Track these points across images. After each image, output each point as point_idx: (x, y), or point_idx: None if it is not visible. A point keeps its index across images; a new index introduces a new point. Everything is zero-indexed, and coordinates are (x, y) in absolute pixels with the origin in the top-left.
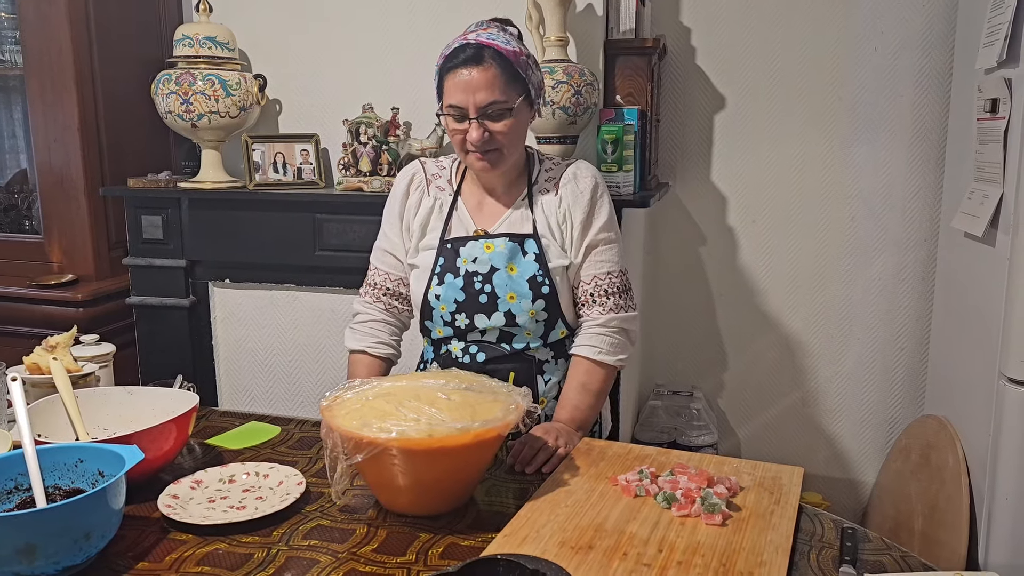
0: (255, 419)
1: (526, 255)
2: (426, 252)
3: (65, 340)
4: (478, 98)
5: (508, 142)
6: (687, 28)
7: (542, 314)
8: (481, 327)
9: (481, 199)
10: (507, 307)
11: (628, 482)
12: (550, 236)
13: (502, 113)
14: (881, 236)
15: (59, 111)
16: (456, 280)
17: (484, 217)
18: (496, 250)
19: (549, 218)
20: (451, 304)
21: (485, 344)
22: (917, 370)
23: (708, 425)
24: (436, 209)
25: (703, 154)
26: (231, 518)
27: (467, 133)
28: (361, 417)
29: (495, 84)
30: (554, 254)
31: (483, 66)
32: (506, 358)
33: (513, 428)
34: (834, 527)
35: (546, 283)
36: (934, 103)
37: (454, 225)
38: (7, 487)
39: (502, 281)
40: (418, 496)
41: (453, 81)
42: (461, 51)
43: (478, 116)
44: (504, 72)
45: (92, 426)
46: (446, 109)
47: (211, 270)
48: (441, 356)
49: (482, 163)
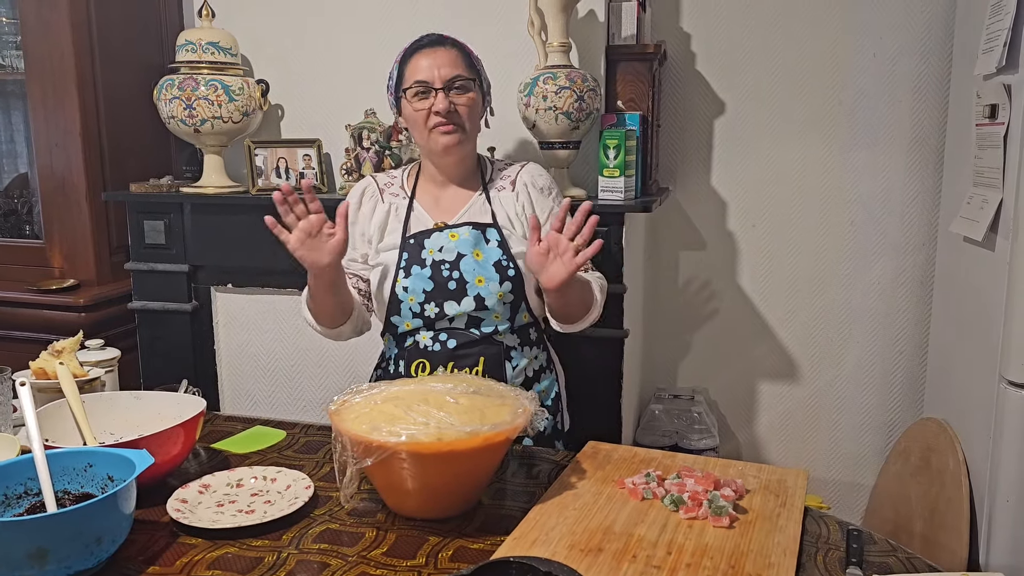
0: (260, 423)
1: (489, 242)
2: (388, 251)
3: (71, 345)
4: (443, 72)
5: (469, 120)
6: (687, 34)
7: (509, 296)
8: (451, 314)
9: (437, 196)
10: (476, 291)
11: (635, 485)
12: (510, 227)
13: (466, 85)
14: (880, 240)
15: (60, 116)
16: (424, 271)
17: (441, 212)
18: (461, 238)
19: (508, 211)
20: (419, 294)
21: (454, 331)
22: (916, 373)
23: (709, 428)
24: (392, 212)
25: (703, 159)
26: (240, 522)
27: (432, 107)
28: (370, 421)
29: (458, 62)
30: (515, 242)
31: (445, 46)
32: (475, 343)
33: (521, 431)
34: (839, 529)
35: (511, 267)
36: (932, 108)
37: (413, 223)
38: (17, 491)
39: (469, 266)
40: (427, 499)
41: (417, 62)
42: (424, 37)
43: (444, 87)
44: (463, 57)
45: (99, 431)
46: (411, 86)
47: (213, 275)
48: (407, 349)
49: (447, 136)
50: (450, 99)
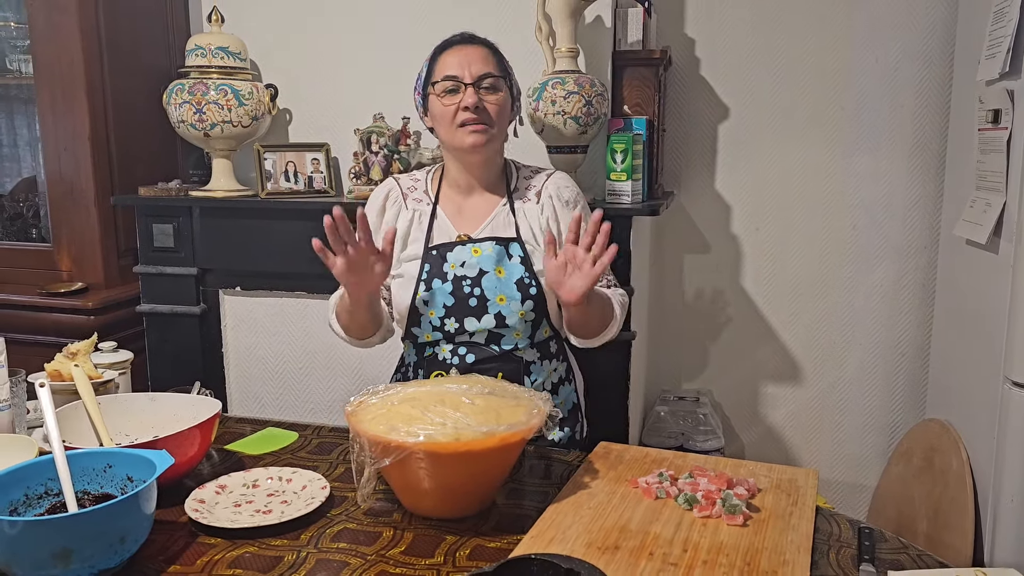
0: (272, 425)
1: (512, 258)
2: (410, 262)
3: (85, 347)
4: (474, 69)
5: (498, 119)
6: (691, 39)
7: (530, 315)
8: (471, 330)
9: (460, 204)
10: (497, 309)
11: (648, 484)
12: (533, 241)
13: (496, 84)
14: (882, 244)
15: (69, 120)
16: (444, 285)
17: (465, 222)
18: (484, 254)
19: (532, 224)
20: (440, 309)
21: (474, 345)
22: (918, 375)
23: (715, 430)
24: (415, 220)
25: (707, 163)
26: (258, 522)
27: (461, 102)
28: (388, 421)
29: (489, 60)
30: (538, 258)
31: (477, 43)
32: (494, 359)
33: (536, 432)
34: (850, 527)
35: (533, 285)
36: (934, 113)
37: (436, 233)
38: (38, 491)
39: (491, 284)
40: (443, 499)
41: (447, 58)
42: (455, 35)
43: (474, 83)
44: (495, 56)
45: (114, 432)
46: (440, 81)
47: (222, 278)
48: (426, 359)
49: (474, 135)
50: (479, 96)
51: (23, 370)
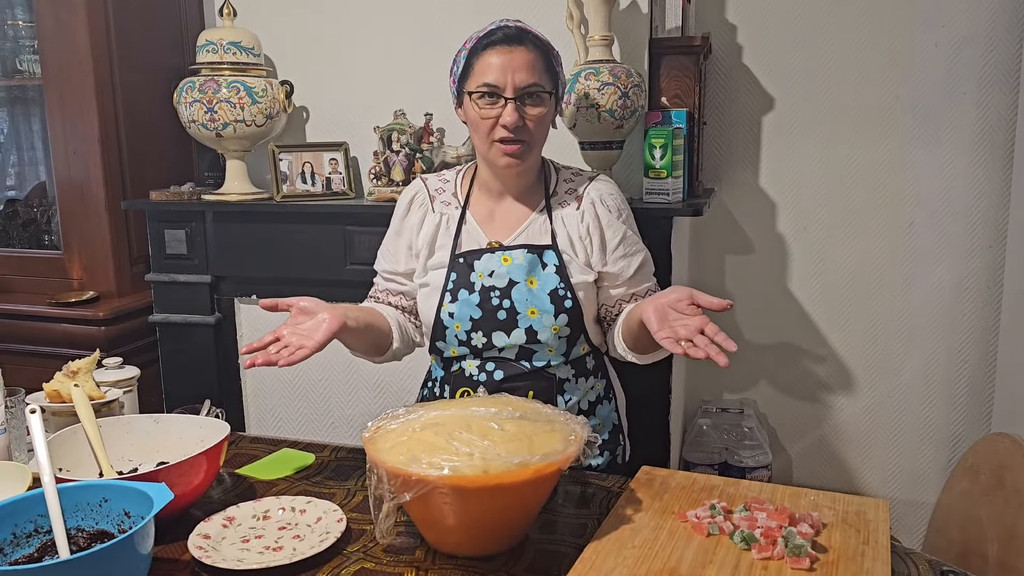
0: (287, 446)
1: (546, 268)
2: (436, 271)
3: (87, 365)
4: (517, 78)
5: (537, 134)
6: (733, 25)
7: (565, 330)
8: (499, 345)
9: (492, 209)
10: (528, 323)
11: (699, 519)
12: (571, 251)
13: (539, 98)
14: (942, 243)
15: (79, 122)
16: (471, 296)
17: (496, 228)
18: (514, 262)
19: (571, 232)
20: (466, 322)
21: (503, 361)
22: (982, 384)
23: (761, 444)
24: (443, 225)
25: (750, 158)
26: (267, 561)
27: (499, 118)
28: (408, 451)
29: (535, 67)
30: (576, 269)
31: (524, 46)
32: (525, 376)
33: (573, 461)
34: (931, 569)
35: (569, 297)
36: (1000, 101)
37: (464, 240)
38: (27, 529)
39: (522, 296)
40: (471, 536)
41: (488, 59)
42: (499, 30)
43: (515, 96)
44: (543, 58)
45: (116, 457)
46: (477, 88)
47: (237, 286)
48: (453, 375)
49: (508, 158)
50: (521, 109)
51: (22, 389)
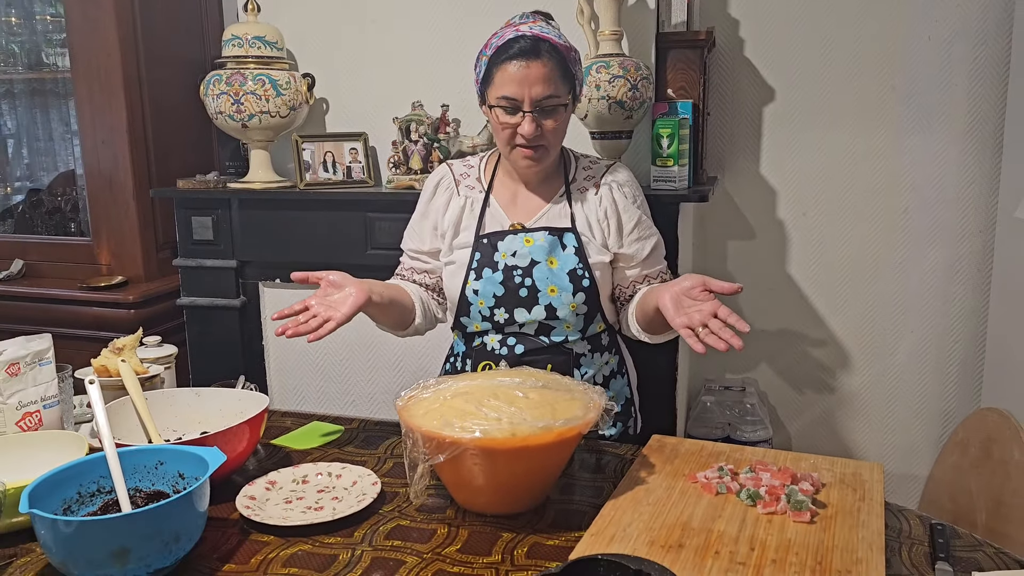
0: (316, 419)
1: (565, 248)
2: (461, 250)
3: (131, 342)
4: (534, 91)
5: (555, 138)
6: (735, 20)
7: (582, 307)
8: (521, 321)
9: (515, 193)
10: (548, 300)
11: (708, 479)
12: (589, 233)
13: (555, 108)
14: (935, 227)
15: (107, 114)
16: (495, 275)
17: (519, 211)
18: (536, 243)
19: (589, 216)
20: (490, 299)
21: (523, 336)
22: (973, 363)
23: (762, 420)
24: (468, 208)
25: (752, 147)
26: (311, 519)
27: (518, 127)
28: (442, 416)
29: (551, 78)
30: (594, 250)
31: (540, 59)
32: (544, 350)
33: (592, 426)
34: (921, 524)
35: (586, 276)
36: (990, 92)
37: (488, 221)
38: (90, 489)
39: (543, 274)
40: (498, 495)
41: (507, 72)
42: (516, 42)
43: (532, 109)
44: (558, 67)
45: (161, 428)
46: (497, 101)
47: (261, 270)
48: (475, 349)
49: (527, 161)
50: (538, 120)
51: (70, 365)
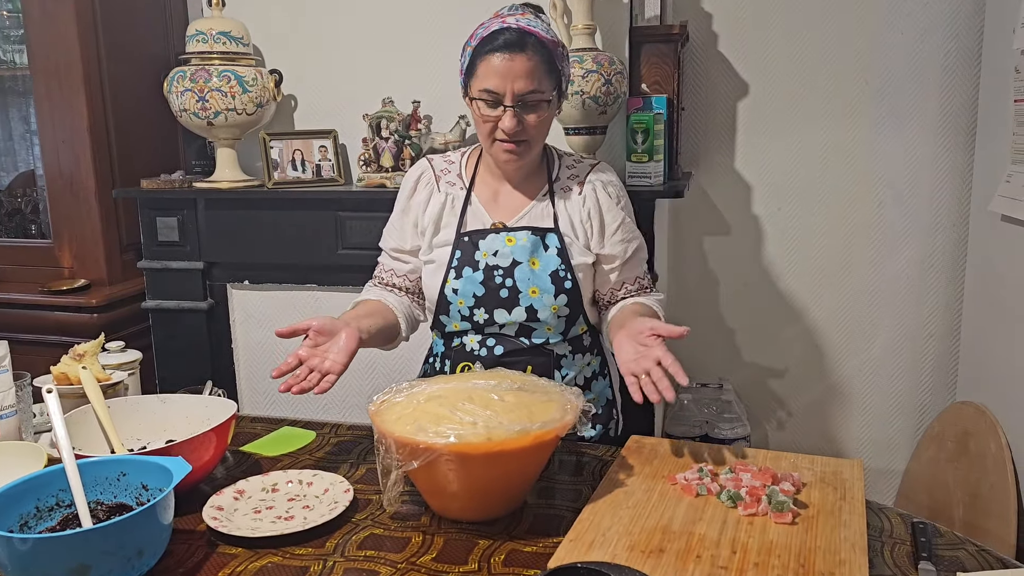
0: (287, 424)
1: (548, 249)
2: (441, 248)
3: (93, 348)
4: (517, 86)
5: (537, 134)
6: (708, 14)
7: (564, 310)
8: (501, 322)
9: (496, 190)
10: (529, 302)
11: (688, 481)
12: (572, 234)
13: (538, 104)
14: (909, 222)
15: (67, 112)
16: (475, 274)
17: (500, 210)
18: (518, 243)
19: (572, 216)
20: (469, 298)
21: (503, 337)
22: (947, 357)
23: (740, 417)
24: (448, 204)
25: (726, 142)
26: (280, 529)
27: (499, 121)
28: (415, 421)
29: (535, 73)
30: (577, 251)
31: (525, 53)
32: (524, 351)
33: (570, 428)
34: (903, 522)
35: (568, 278)
36: (963, 86)
37: (469, 219)
38: (49, 503)
39: (524, 275)
40: (474, 501)
41: (490, 65)
42: (501, 34)
43: (514, 104)
44: (544, 62)
45: (125, 437)
46: (479, 93)
47: (229, 272)
48: (454, 349)
49: (508, 155)
50: (520, 115)
51: (28, 373)
